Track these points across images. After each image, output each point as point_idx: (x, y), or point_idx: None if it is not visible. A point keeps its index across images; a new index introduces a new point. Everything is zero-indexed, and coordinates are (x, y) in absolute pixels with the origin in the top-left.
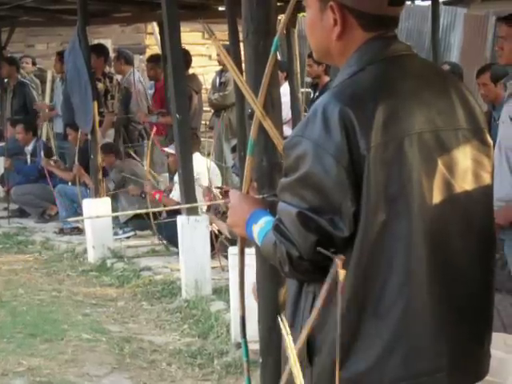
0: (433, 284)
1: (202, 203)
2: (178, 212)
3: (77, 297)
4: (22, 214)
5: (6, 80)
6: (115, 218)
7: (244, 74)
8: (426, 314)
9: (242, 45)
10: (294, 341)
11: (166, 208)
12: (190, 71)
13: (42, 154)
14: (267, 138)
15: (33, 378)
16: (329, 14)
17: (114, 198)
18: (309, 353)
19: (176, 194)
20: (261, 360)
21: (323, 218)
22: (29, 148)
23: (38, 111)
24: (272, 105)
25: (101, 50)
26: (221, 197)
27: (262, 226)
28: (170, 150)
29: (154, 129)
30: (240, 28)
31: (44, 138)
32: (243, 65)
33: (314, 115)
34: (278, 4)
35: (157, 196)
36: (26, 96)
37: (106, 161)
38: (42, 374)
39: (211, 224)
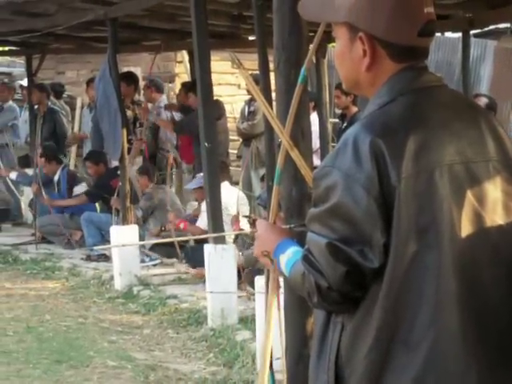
0: (463, 316)
1: (229, 233)
2: (204, 240)
3: (103, 324)
4: (49, 240)
5: (36, 106)
6: (142, 245)
7: (275, 103)
8: (456, 346)
9: (272, 74)
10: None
11: (192, 237)
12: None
13: (63, 188)
14: (296, 167)
15: None
16: (358, 45)
17: (142, 224)
18: None
19: (202, 222)
20: None
21: (353, 248)
22: (55, 178)
23: (65, 137)
24: (302, 134)
25: (131, 77)
26: (249, 226)
27: (289, 257)
28: (192, 186)
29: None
30: (270, 58)
31: (72, 163)
32: (273, 94)
33: (344, 145)
34: (310, 34)
35: (181, 225)
36: (56, 122)
37: (141, 182)
38: None
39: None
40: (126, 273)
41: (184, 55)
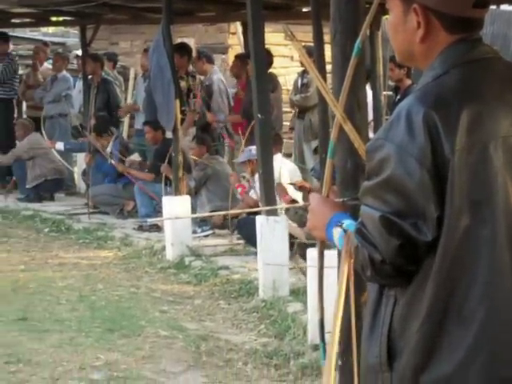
0: None
1: (281, 206)
2: (256, 212)
3: (154, 293)
4: (102, 209)
5: (90, 77)
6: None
7: (331, 75)
8: (510, 320)
9: (326, 46)
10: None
11: (244, 210)
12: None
13: (115, 163)
14: (350, 140)
15: (110, 373)
16: (412, 16)
17: (195, 195)
18: (389, 358)
19: (255, 193)
20: (340, 362)
21: (406, 221)
22: (108, 148)
23: (119, 107)
24: (358, 106)
25: (184, 49)
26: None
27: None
28: (240, 159)
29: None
30: (324, 29)
31: (125, 134)
32: (327, 67)
33: (397, 118)
34: (366, 6)
35: (239, 189)
36: (110, 93)
37: (197, 151)
38: (119, 369)
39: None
40: (178, 243)
41: (238, 26)
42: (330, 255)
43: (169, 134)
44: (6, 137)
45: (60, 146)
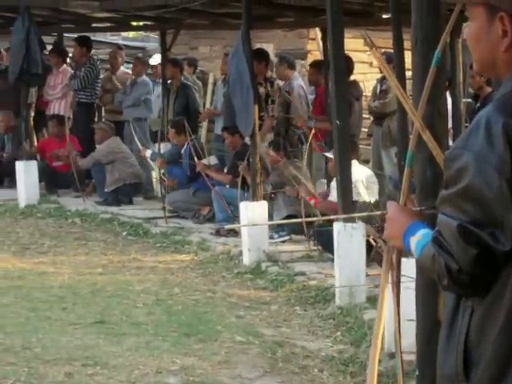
0: None
1: (358, 214)
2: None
3: (231, 299)
4: (179, 214)
5: (169, 81)
6: (271, 220)
7: (411, 83)
8: None
9: (405, 53)
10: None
11: (321, 218)
12: (351, 78)
13: (196, 159)
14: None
15: (186, 378)
16: (497, 25)
17: (271, 199)
18: (465, 368)
19: (332, 198)
20: (417, 372)
21: (484, 231)
22: (182, 151)
23: (199, 112)
24: (438, 115)
25: (262, 55)
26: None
27: (419, 239)
28: (330, 154)
29: (313, 132)
30: (404, 36)
31: (203, 139)
32: (407, 73)
33: (476, 127)
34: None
35: (312, 201)
36: (189, 98)
37: (274, 157)
38: (195, 374)
39: (368, 236)
40: (255, 248)
41: (317, 32)
42: (408, 264)
43: (247, 139)
44: (87, 141)
45: (148, 153)
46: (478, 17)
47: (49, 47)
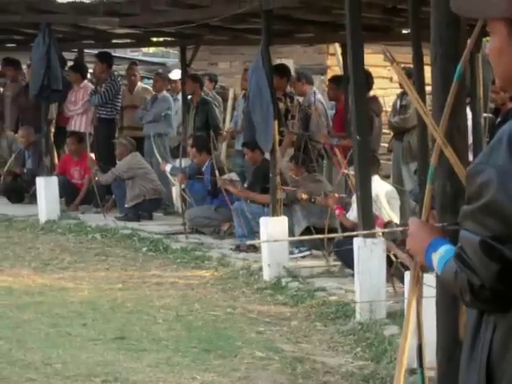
0: None
1: (378, 230)
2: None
3: (251, 314)
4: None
5: (189, 97)
6: (290, 234)
7: (431, 98)
8: None
9: (426, 68)
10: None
11: (343, 234)
12: (371, 93)
13: (217, 173)
14: (450, 164)
15: None
16: None
17: (289, 211)
18: None
19: (353, 213)
20: None
21: (507, 246)
22: (203, 168)
23: (218, 128)
24: (458, 131)
25: (284, 70)
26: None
27: (441, 255)
28: (351, 171)
29: (336, 150)
30: (424, 51)
31: (223, 155)
32: (427, 88)
33: (498, 142)
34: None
35: (337, 211)
36: (209, 113)
37: (295, 172)
38: None
39: (389, 252)
40: (275, 264)
41: (336, 48)
42: (429, 279)
43: (267, 155)
44: (107, 156)
45: (168, 168)
46: (499, 32)
47: (70, 63)
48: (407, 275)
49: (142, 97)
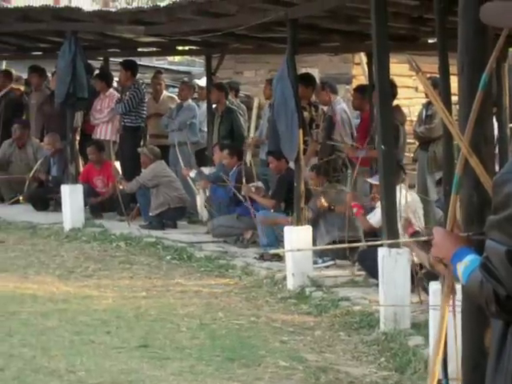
0: None
1: (404, 239)
2: (375, 236)
3: (275, 323)
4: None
5: (214, 106)
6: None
7: (458, 108)
8: None
9: (451, 78)
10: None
11: (366, 243)
12: (394, 102)
13: (244, 180)
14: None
15: None
16: None
17: (314, 225)
18: None
19: (374, 218)
20: None
21: None
22: (230, 173)
23: (242, 136)
24: (485, 140)
25: (309, 79)
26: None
27: (466, 265)
28: (374, 181)
29: (359, 160)
30: (450, 61)
31: (248, 162)
32: (452, 98)
33: None
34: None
35: (354, 209)
36: (234, 122)
37: (316, 181)
38: None
39: (417, 262)
40: (299, 273)
41: (362, 57)
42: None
43: (291, 164)
44: (132, 164)
45: (192, 174)
46: None
47: (96, 72)
48: (432, 285)
49: (167, 105)
